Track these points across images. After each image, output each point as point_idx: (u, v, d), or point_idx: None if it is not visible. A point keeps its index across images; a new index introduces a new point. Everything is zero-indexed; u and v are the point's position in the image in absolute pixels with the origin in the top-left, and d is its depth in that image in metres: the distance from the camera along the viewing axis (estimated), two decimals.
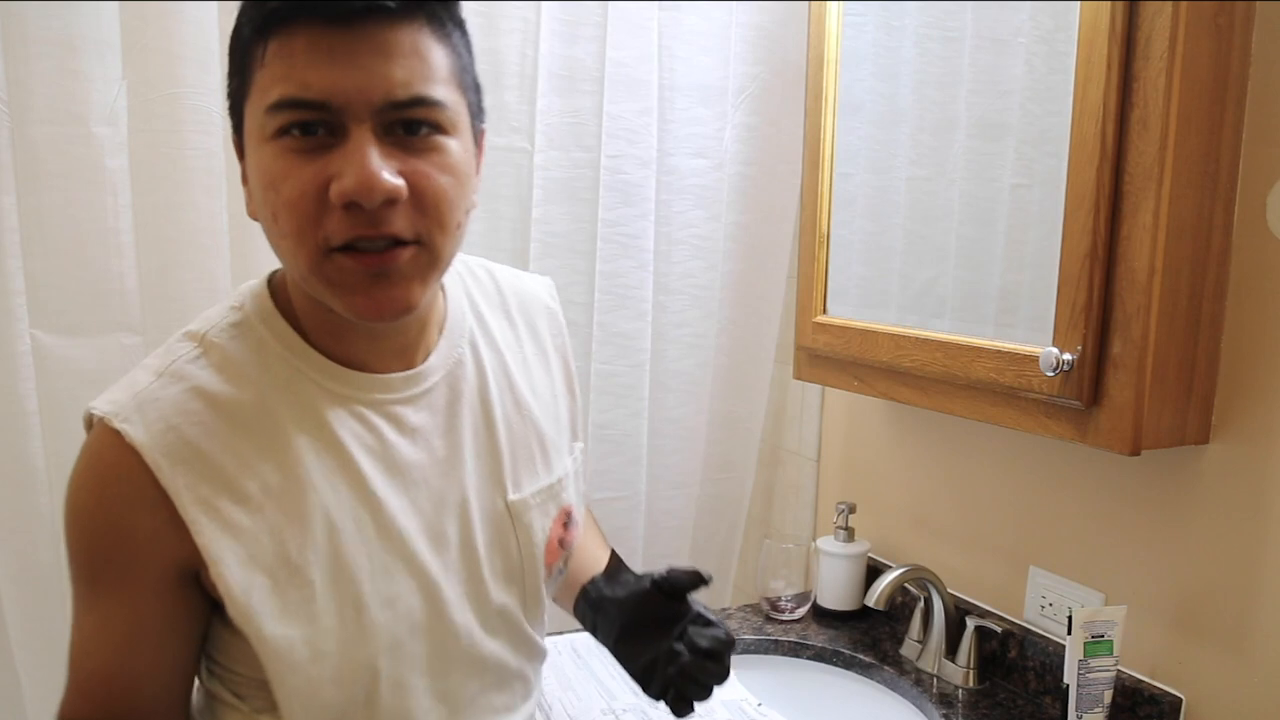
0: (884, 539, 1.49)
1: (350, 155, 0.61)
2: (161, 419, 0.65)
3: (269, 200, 0.63)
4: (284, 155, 0.62)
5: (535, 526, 0.80)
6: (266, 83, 0.61)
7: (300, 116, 0.61)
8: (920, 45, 1.22)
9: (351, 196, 0.60)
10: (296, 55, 0.60)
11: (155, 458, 0.64)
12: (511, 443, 0.79)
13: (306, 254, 0.63)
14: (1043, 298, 1.03)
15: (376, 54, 0.61)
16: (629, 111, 1.48)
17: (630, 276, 1.53)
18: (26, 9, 1.13)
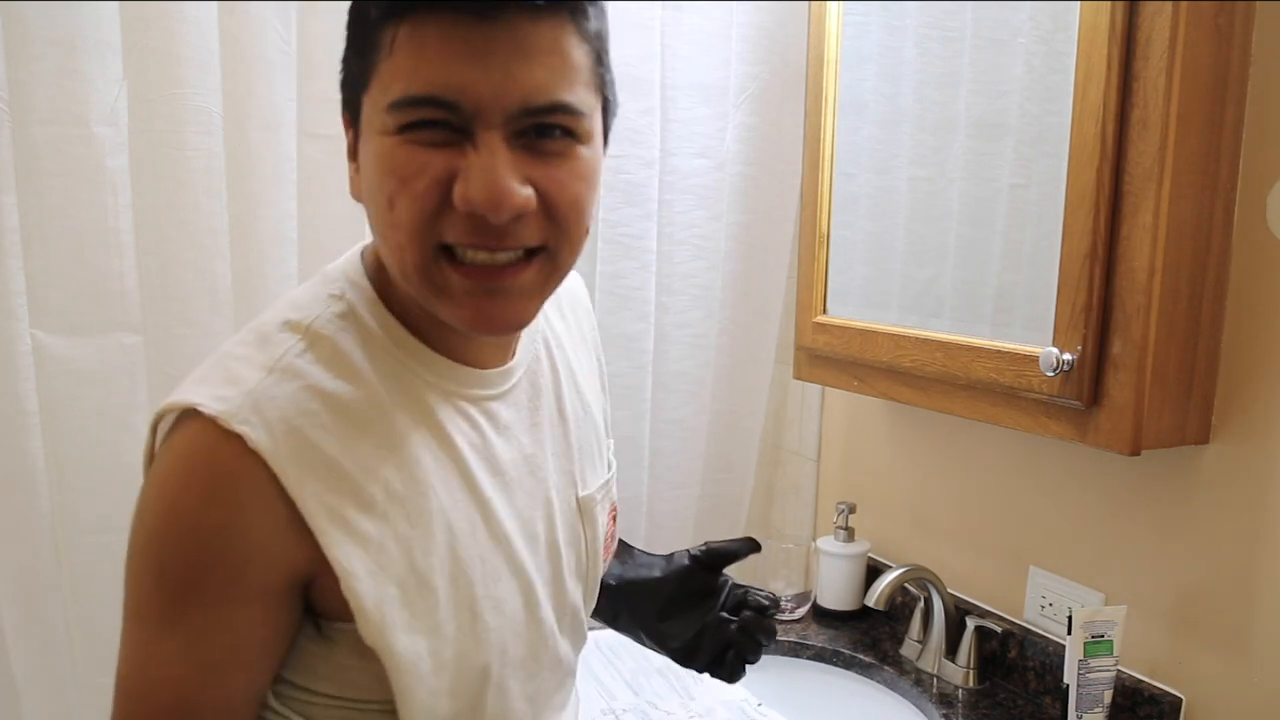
0: (884, 539, 1.49)
1: (479, 161, 0.57)
2: (283, 420, 0.59)
3: (386, 186, 0.58)
4: (406, 146, 0.58)
5: (600, 523, 0.79)
6: (390, 75, 0.57)
7: (427, 114, 0.57)
8: (920, 45, 1.22)
9: (478, 208, 0.57)
10: (427, 48, 0.55)
11: (282, 464, 0.58)
12: (581, 439, 0.77)
13: (418, 249, 0.59)
14: (1043, 298, 1.03)
15: (515, 52, 0.56)
16: (632, 111, 1.48)
17: (633, 277, 1.53)
18: (27, 9, 1.13)
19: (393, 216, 0.59)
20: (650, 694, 1.15)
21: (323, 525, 0.59)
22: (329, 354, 0.63)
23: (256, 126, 1.25)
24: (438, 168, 0.57)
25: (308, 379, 0.61)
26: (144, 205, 1.23)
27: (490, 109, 0.56)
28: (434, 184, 0.57)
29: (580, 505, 0.76)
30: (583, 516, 0.76)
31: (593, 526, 0.77)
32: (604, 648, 1.26)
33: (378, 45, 0.58)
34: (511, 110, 0.56)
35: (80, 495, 1.20)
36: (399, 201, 0.58)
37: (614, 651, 1.25)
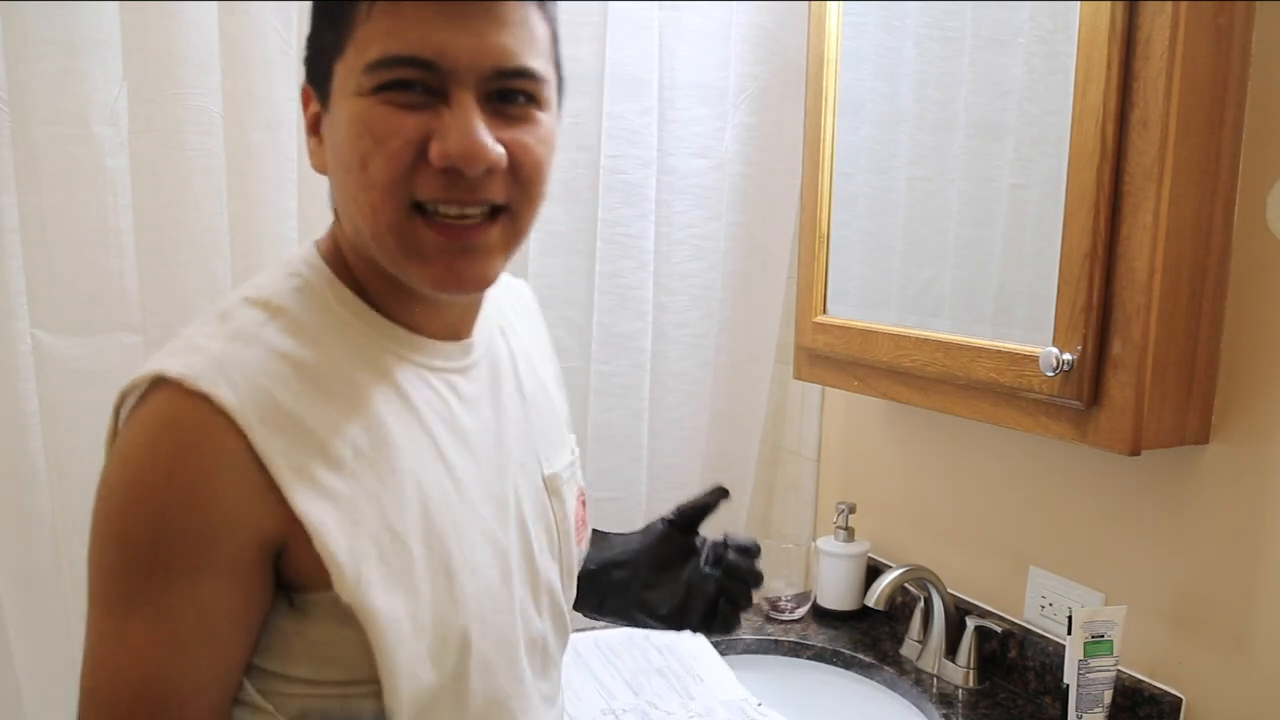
0: (884, 539, 1.49)
1: (455, 119, 0.59)
2: (248, 380, 0.59)
3: (360, 146, 0.60)
4: (381, 106, 0.60)
5: (568, 501, 0.79)
6: (367, 39, 0.59)
7: (404, 74, 0.59)
8: (920, 45, 1.22)
9: (454, 162, 0.59)
10: (406, 13, 0.58)
11: (249, 422, 0.57)
12: (541, 419, 0.79)
13: (392, 208, 0.60)
14: (1042, 297, 1.03)
15: (487, 20, 0.59)
16: (629, 111, 1.48)
17: (630, 277, 1.53)
18: (27, 9, 1.13)
19: (366, 177, 0.60)
20: (650, 694, 1.15)
21: (292, 482, 0.58)
22: (290, 324, 0.63)
23: (256, 126, 1.25)
24: (412, 128, 0.59)
25: (271, 344, 0.62)
26: (144, 205, 1.23)
27: (465, 69, 0.59)
28: (408, 143, 0.59)
29: (546, 483, 0.77)
30: (550, 494, 0.77)
31: (561, 504, 0.78)
32: (604, 647, 1.26)
33: (354, 13, 0.60)
34: (485, 71, 0.59)
35: (80, 495, 1.20)
36: (373, 161, 0.59)
37: (614, 651, 1.25)
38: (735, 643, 1.36)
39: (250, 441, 0.58)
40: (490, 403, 0.73)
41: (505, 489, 0.72)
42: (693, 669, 1.21)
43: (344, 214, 0.65)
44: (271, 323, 0.63)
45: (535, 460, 0.76)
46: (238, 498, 0.58)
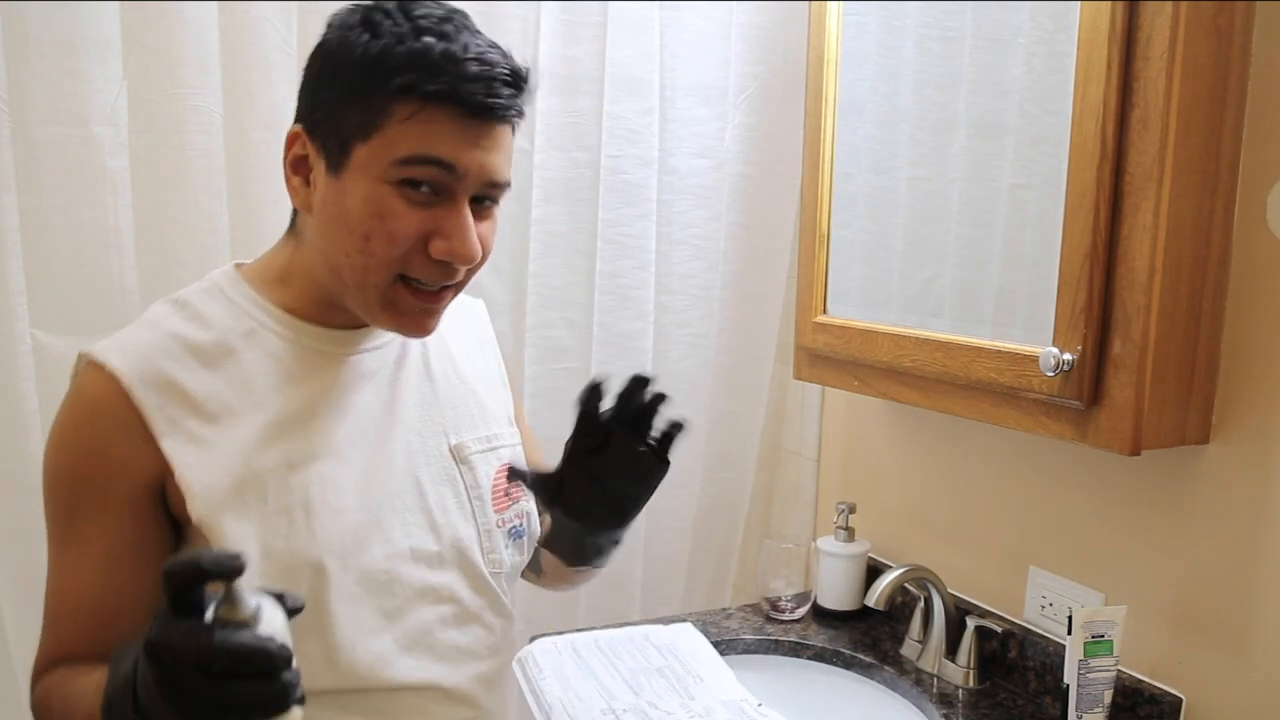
0: (884, 539, 1.49)
1: (457, 224, 0.75)
2: (138, 353, 0.76)
3: (368, 226, 0.73)
4: (399, 197, 0.73)
5: (479, 470, 0.90)
6: (401, 136, 0.72)
7: (430, 175, 0.73)
8: (920, 45, 1.22)
9: (453, 260, 0.75)
10: (439, 126, 0.72)
11: (130, 382, 0.74)
12: (451, 399, 0.91)
13: (382, 276, 0.75)
14: (1042, 297, 1.03)
15: (494, 140, 0.75)
16: (630, 111, 1.48)
17: (631, 277, 1.53)
18: (27, 9, 1.13)
19: (368, 247, 0.74)
20: (650, 694, 1.15)
21: (162, 429, 0.75)
22: (190, 313, 0.80)
23: (256, 126, 1.26)
24: (418, 223, 0.74)
25: (168, 328, 0.78)
26: (144, 205, 1.23)
27: (473, 177, 0.75)
28: (411, 235, 0.74)
29: (453, 452, 0.89)
30: (457, 462, 0.89)
31: (471, 471, 0.89)
32: (604, 647, 1.26)
33: (390, 110, 0.72)
34: (485, 180, 0.76)
35: None
36: (377, 239, 0.74)
37: (614, 651, 1.25)
38: (735, 643, 1.36)
39: (133, 400, 0.74)
40: (388, 380, 0.86)
41: (395, 454, 0.84)
42: (693, 669, 1.21)
43: (324, 256, 0.78)
44: (175, 313, 0.80)
45: (440, 431, 0.88)
46: (125, 445, 0.74)
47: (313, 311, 0.82)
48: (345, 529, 0.79)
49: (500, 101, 0.73)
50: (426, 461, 0.86)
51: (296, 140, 0.77)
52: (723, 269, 1.62)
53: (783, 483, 1.75)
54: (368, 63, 0.72)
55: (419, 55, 0.71)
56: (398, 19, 0.72)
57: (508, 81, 0.74)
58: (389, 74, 0.71)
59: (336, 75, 0.74)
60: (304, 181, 0.77)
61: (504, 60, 0.74)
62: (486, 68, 0.72)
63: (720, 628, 1.39)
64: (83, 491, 0.75)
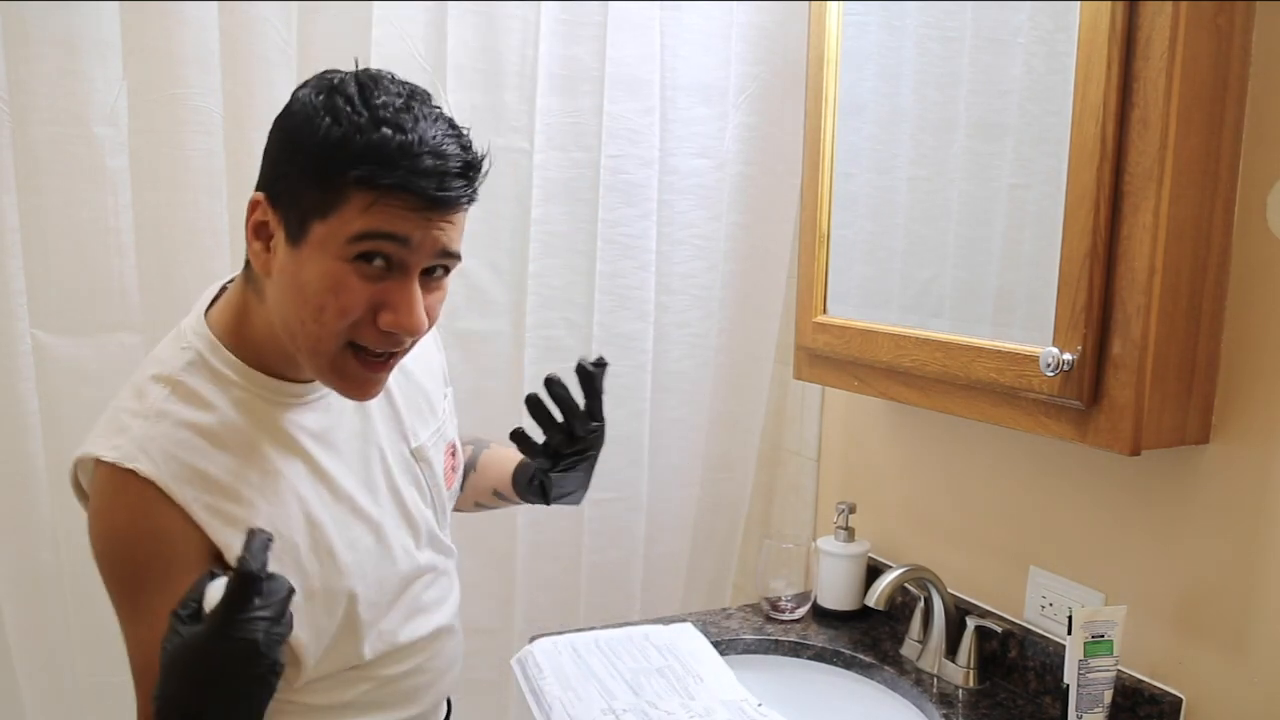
0: (884, 539, 1.49)
1: (405, 297, 0.80)
2: (162, 452, 0.80)
3: (323, 299, 0.78)
4: (352, 273, 0.78)
5: (435, 462, 1.01)
6: (356, 216, 0.76)
7: (384, 249, 0.77)
8: (920, 45, 1.22)
9: (400, 332, 0.80)
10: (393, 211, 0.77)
11: (166, 483, 0.80)
12: (405, 403, 0.99)
13: (331, 345, 0.80)
14: (1042, 297, 1.03)
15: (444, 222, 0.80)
16: (631, 111, 1.48)
17: (631, 277, 1.53)
18: (27, 9, 1.13)
19: (321, 317, 0.79)
20: (650, 694, 1.15)
21: (205, 519, 0.81)
22: (186, 393, 0.84)
23: (256, 126, 1.26)
24: (369, 296, 0.79)
25: (175, 416, 0.83)
26: (144, 205, 1.23)
27: (425, 251, 0.80)
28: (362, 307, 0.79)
29: (414, 454, 0.99)
30: (418, 461, 0.99)
31: (429, 466, 1.00)
32: (604, 647, 1.26)
33: (348, 197, 0.76)
34: (436, 252, 0.81)
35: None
36: (329, 311, 0.79)
37: (614, 651, 1.25)
38: (735, 643, 1.36)
39: (173, 499, 0.80)
40: (356, 409, 0.93)
41: (374, 472, 0.94)
42: (693, 669, 1.21)
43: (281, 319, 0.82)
44: (173, 396, 0.84)
45: (402, 439, 0.98)
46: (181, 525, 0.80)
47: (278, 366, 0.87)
48: (361, 557, 0.91)
49: (450, 194, 0.78)
50: (398, 469, 0.97)
51: (258, 207, 0.81)
52: (723, 269, 1.62)
53: (783, 483, 1.75)
54: (328, 150, 0.76)
55: (376, 148, 0.75)
56: (358, 107, 0.76)
57: (459, 173, 0.78)
58: (346, 164, 0.75)
59: (297, 155, 0.78)
60: (264, 246, 0.81)
61: (459, 151, 0.79)
62: (440, 161, 0.77)
63: (720, 628, 1.39)
64: (148, 566, 0.80)
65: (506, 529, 1.52)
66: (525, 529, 1.54)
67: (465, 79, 1.39)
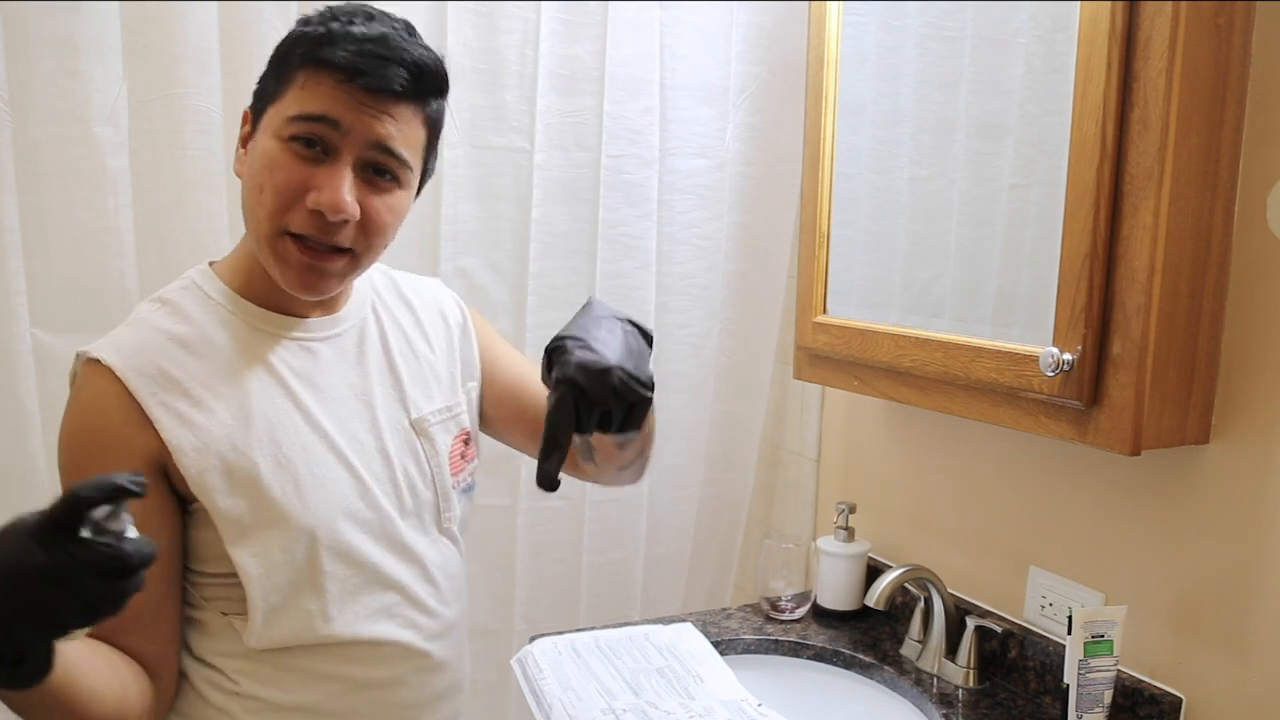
0: (884, 539, 1.49)
1: (331, 178, 0.82)
2: (129, 348, 0.85)
3: (260, 178, 0.83)
4: (286, 151, 0.83)
5: (439, 440, 0.99)
6: (295, 98, 0.82)
7: (313, 129, 0.82)
8: (920, 46, 1.22)
9: (322, 209, 0.82)
10: (327, 89, 0.81)
11: (125, 374, 0.83)
12: (409, 376, 0.99)
13: (270, 225, 0.83)
14: (1042, 298, 1.03)
15: (382, 112, 0.83)
16: (631, 111, 1.48)
17: (632, 277, 1.53)
18: (27, 9, 1.13)
19: (260, 198, 0.83)
20: (650, 694, 1.15)
21: (158, 415, 0.83)
22: (171, 309, 0.89)
23: None
24: (300, 176, 0.82)
25: (154, 324, 0.87)
26: (144, 205, 1.23)
27: (354, 135, 0.82)
28: (293, 187, 0.82)
29: (414, 425, 0.97)
30: (417, 433, 0.97)
31: (430, 442, 0.98)
32: (604, 647, 1.26)
33: (292, 77, 0.83)
34: (370, 141, 0.83)
35: None
36: (266, 190, 0.83)
37: (614, 651, 1.25)
38: (735, 643, 1.36)
39: (128, 388, 0.82)
40: (353, 364, 0.95)
41: (362, 430, 0.93)
42: (693, 669, 1.21)
43: (246, 218, 0.87)
44: (159, 310, 0.89)
45: (401, 407, 0.97)
46: (125, 427, 0.82)
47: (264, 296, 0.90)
48: (331, 499, 0.89)
49: (383, 74, 0.81)
50: (391, 436, 0.95)
51: (245, 119, 0.89)
52: (723, 269, 1.62)
53: (783, 483, 1.75)
54: (287, 42, 0.85)
55: (321, 34, 0.82)
56: (325, 14, 0.84)
57: (401, 64, 0.82)
58: (294, 46, 0.83)
59: (270, 60, 0.87)
60: (245, 153, 0.88)
61: (409, 49, 0.83)
62: (378, 46, 0.81)
63: (720, 628, 1.39)
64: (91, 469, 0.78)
65: (506, 529, 1.52)
66: (525, 529, 1.54)
67: (465, 79, 1.39)
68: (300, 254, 0.84)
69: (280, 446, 0.87)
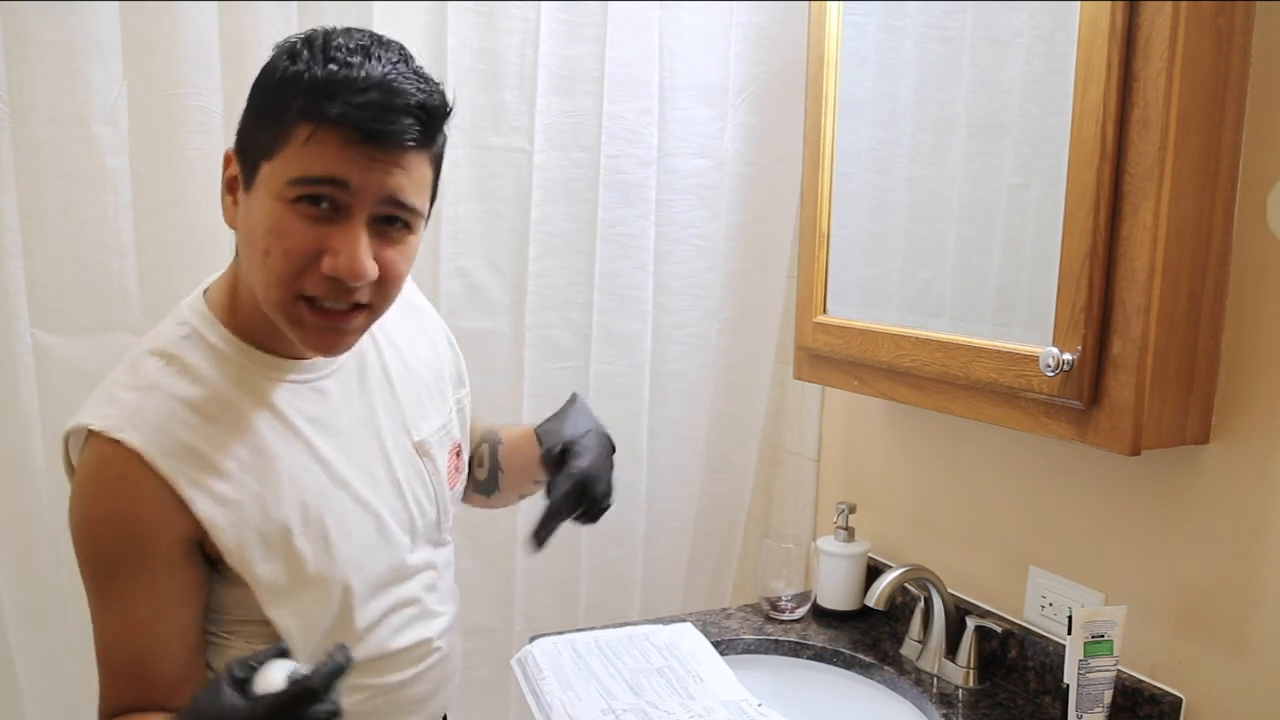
0: (884, 539, 1.49)
1: (346, 241, 0.77)
2: (149, 424, 0.79)
3: (266, 242, 0.77)
4: (292, 214, 0.76)
5: (439, 458, 0.99)
6: (297, 156, 0.75)
7: (320, 190, 0.75)
8: (920, 45, 1.22)
9: (340, 276, 0.77)
10: (333, 148, 0.75)
11: (152, 455, 0.78)
12: (408, 398, 0.97)
13: (281, 293, 0.78)
14: (1042, 297, 1.03)
15: (391, 164, 0.77)
16: (629, 111, 1.48)
17: (631, 277, 1.53)
18: (27, 9, 1.13)
19: (267, 262, 0.77)
20: (650, 694, 1.15)
21: (190, 495, 0.79)
22: (180, 367, 0.83)
23: None
24: (311, 240, 0.76)
25: (167, 389, 0.81)
26: (144, 205, 1.23)
27: (366, 193, 0.76)
28: (305, 251, 0.76)
29: (417, 448, 0.96)
30: (420, 455, 0.96)
31: (432, 462, 0.98)
32: (604, 647, 1.26)
33: (291, 133, 0.75)
34: (384, 198, 0.77)
35: None
36: (274, 255, 0.77)
37: (614, 651, 1.25)
38: (735, 643, 1.36)
39: (158, 472, 0.78)
40: (357, 394, 0.92)
41: (376, 463, 0.92)
42: (693, 669, 1.21)
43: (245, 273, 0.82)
44: (167, 369, 0.82)
45: (404, 432, 0.95)
46: (159, 509, 0.78)
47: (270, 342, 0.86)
48: (358, 547, 0.88)
49: (393, 130, 0.75)
50: (399, 462, 0.94)
51: (229, 160, 0.82)
52: (723, 269, 1.62)
53: (783, 483, 1.75)
54: (279, 86, 0.76)
55: (320, 82, 0.74)
56: (315, 49, 0.76)
57: (406, 111, 0.76)
58: (291, 98, 0.75)
59: (256, 99, 0.79)
60: (234, 200, 0.82)
61: (414, 91, 0.76)
62: (385, 95, 0.75)
63: (720, 628, 1.39)
64: (122, 554, 0.79)
65: (506, 529, 1.52)
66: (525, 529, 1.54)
67: (465, 79, 1.39)
68: (317, 318, 0.79)
69: (308, 508, 0.85)
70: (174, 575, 0.81)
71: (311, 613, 0.86)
